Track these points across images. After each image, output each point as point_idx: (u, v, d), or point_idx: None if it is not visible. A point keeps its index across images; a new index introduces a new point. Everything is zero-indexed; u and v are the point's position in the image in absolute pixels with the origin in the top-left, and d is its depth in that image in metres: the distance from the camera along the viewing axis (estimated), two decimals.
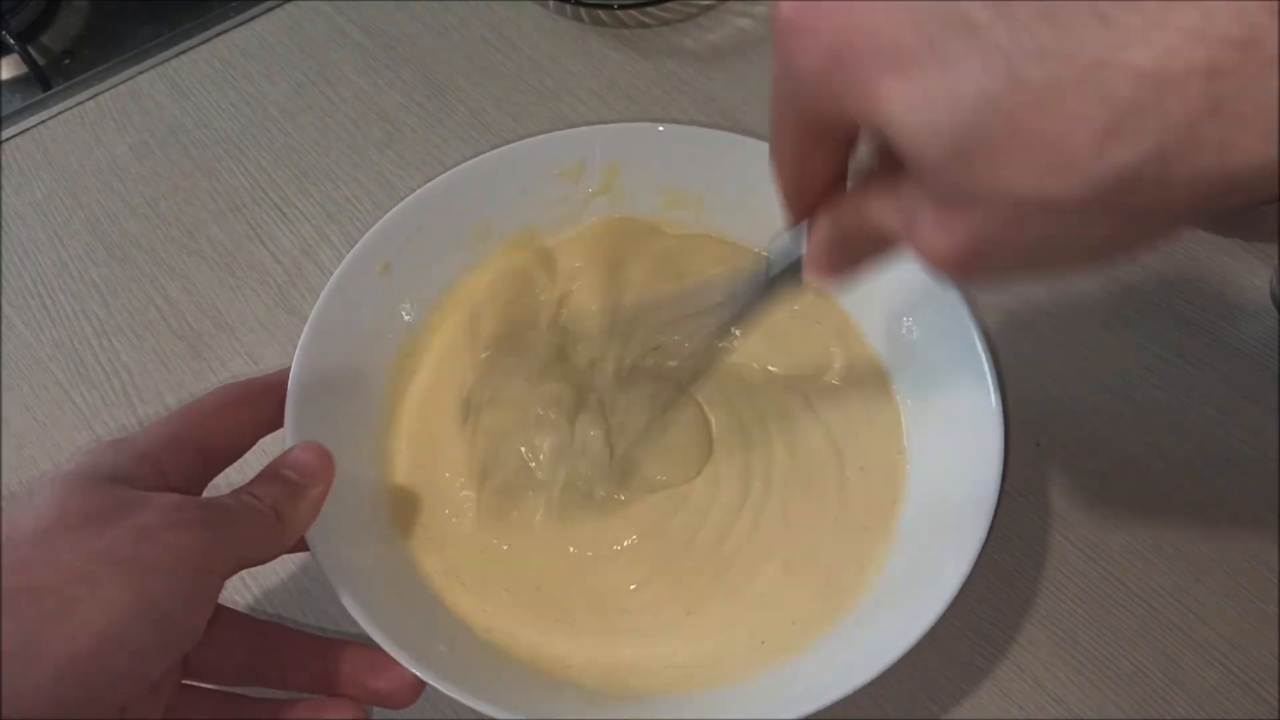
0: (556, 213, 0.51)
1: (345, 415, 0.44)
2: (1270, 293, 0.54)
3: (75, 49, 0.69)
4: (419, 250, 0.48)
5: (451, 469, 0.45)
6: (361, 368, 0.45)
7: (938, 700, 0.43)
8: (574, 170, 0.50)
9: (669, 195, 0.51)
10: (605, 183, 0.51)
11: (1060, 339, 0.52)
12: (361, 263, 0.46)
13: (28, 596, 0.27)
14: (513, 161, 0.49)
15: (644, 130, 0.51)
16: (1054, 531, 0.46)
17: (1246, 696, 0.43)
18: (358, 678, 0.37)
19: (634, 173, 0.50)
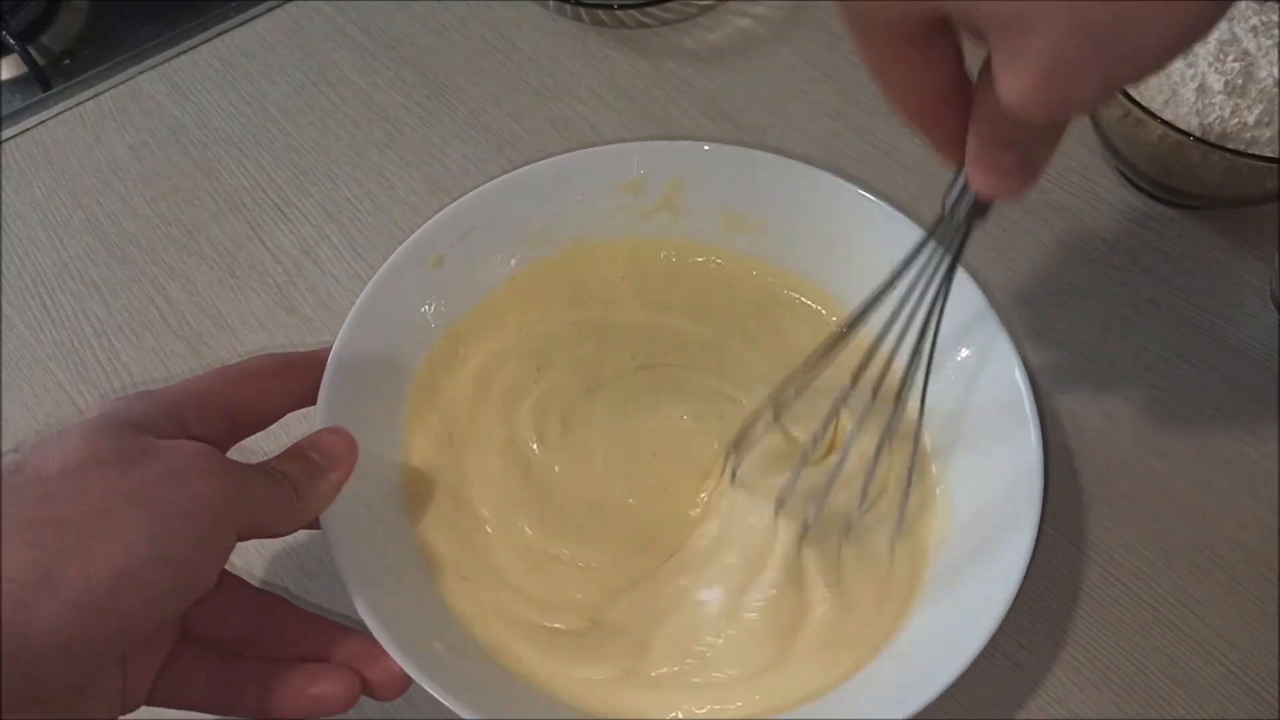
0: (612, 224, 0.50)
1: (378, 403, 0.44)
2: (1270, 293, 0.54)
3: (75, 49, 0.69)
4: (473, 247, 0.48)
5: (479, 476, 0.45)
6: (400, 357, 0.45)
7: (937, 700, 0.43)
8: (635, 184, 0.50)
9: (728, 218, 0.51)
10: (666, 198, 0.50)
11: (1060, 339, 0.52)
12: (416, 253, 0.46)
13: (52, 529, 0.27)
14: (576, 169, 0.49)
15: (716, 151, 0.50)
16: (1054, 531, 0.46)
17: (1247, 696, 0.43)
18: (350, 663, 0.37)
19: (696, 192, 0.50)
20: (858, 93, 0.61)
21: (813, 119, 0.60)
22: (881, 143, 0.59)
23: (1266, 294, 0.54)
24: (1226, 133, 0.50)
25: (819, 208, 0.49)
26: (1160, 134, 0.50)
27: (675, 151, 0.50)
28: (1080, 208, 0.57)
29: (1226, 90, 0.50)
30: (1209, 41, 0.51)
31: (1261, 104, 0.50)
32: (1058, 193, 0.57)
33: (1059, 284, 0.54)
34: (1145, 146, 0.51)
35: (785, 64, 0.63)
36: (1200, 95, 0.51)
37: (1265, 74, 0.51)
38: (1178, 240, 0.56)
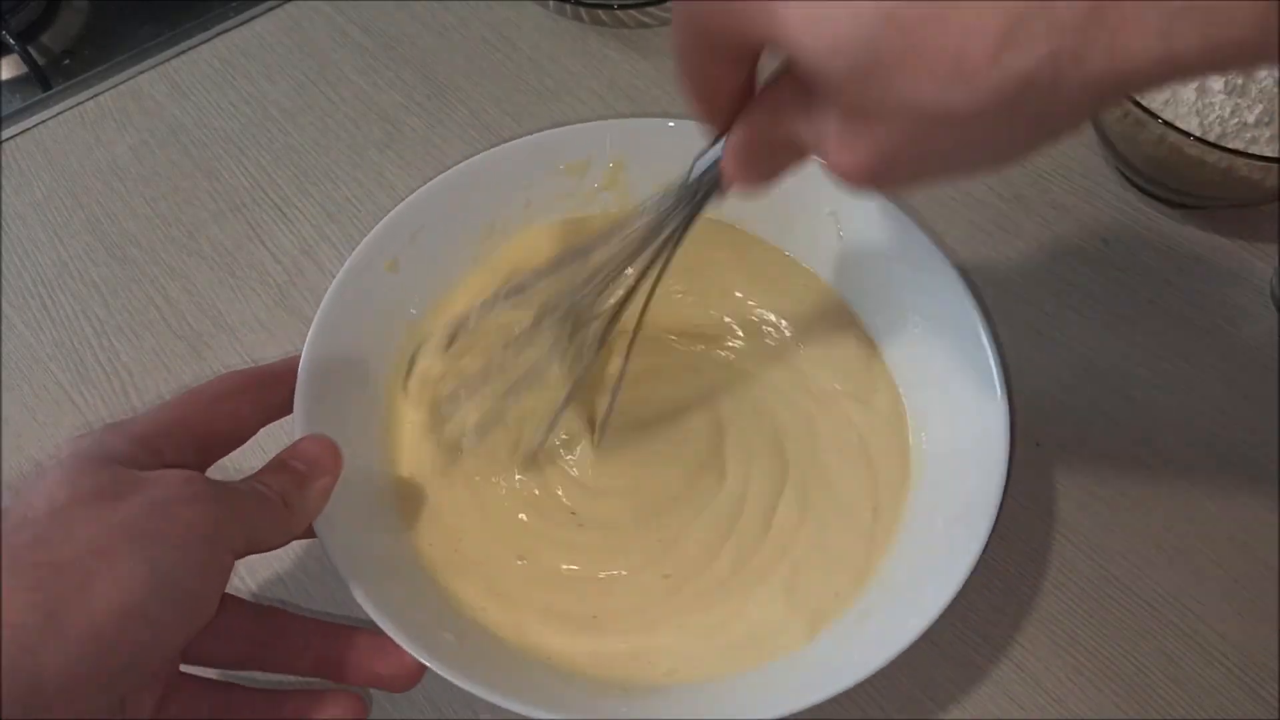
0: (562, 208, 0.51)
1: (354, 406, 0.44)
2: (1270, 292, 0.54)
3: (75, 49, 0.69)
4: (426, 247, 0.48)
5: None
6: (369, 360, 0.45)
7: (938, 700, 0.43)
8: (580, 165, 0.50)
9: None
10: (611, 178, 0.51)
11: (1060, 338, 0.52)
12: (367, 259, 0.46)
13: (49, 571, 0.27)
14: (516, 157, 0.49)
15: (651, 125, 0.50)
16: (1054, 531, 0.46)
17: (1246, 696, 0.43)
18: (360, 661, 0.37)
19: (640, 168, 0.50)
20: None
21: None
22: None
23: (1266, 293, 0.54)
24: (1226, 132, 0.50)
25: None
26: (1160, 133, 0.50)
27: (618, 130, 0.50)
28: (1080, 207, 0.57)
29: (1226, 90, 0.50)
30: None
31: (1261, 103, 0.50)
32: (1058, 192, 0.57)
33: (1059, 283, 0.54)
34: (1145, 146, 0.51)
35: None
36: (1200, 95, 0.51)
37: (1265, 73, 0.51)
38: (1178, 240, 0.56)
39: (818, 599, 0.42)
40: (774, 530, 0.44)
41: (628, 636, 0.42)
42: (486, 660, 0.40)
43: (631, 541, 0.44)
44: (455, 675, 0.36)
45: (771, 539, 0.44)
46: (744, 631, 0.42)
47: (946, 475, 0.44)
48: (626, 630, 0.42)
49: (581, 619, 0.42)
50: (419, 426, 0.46)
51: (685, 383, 0.48)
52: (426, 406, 0.45)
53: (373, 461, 0.44)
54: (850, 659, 0.38)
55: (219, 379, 0.38)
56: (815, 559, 0.43)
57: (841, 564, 0.43)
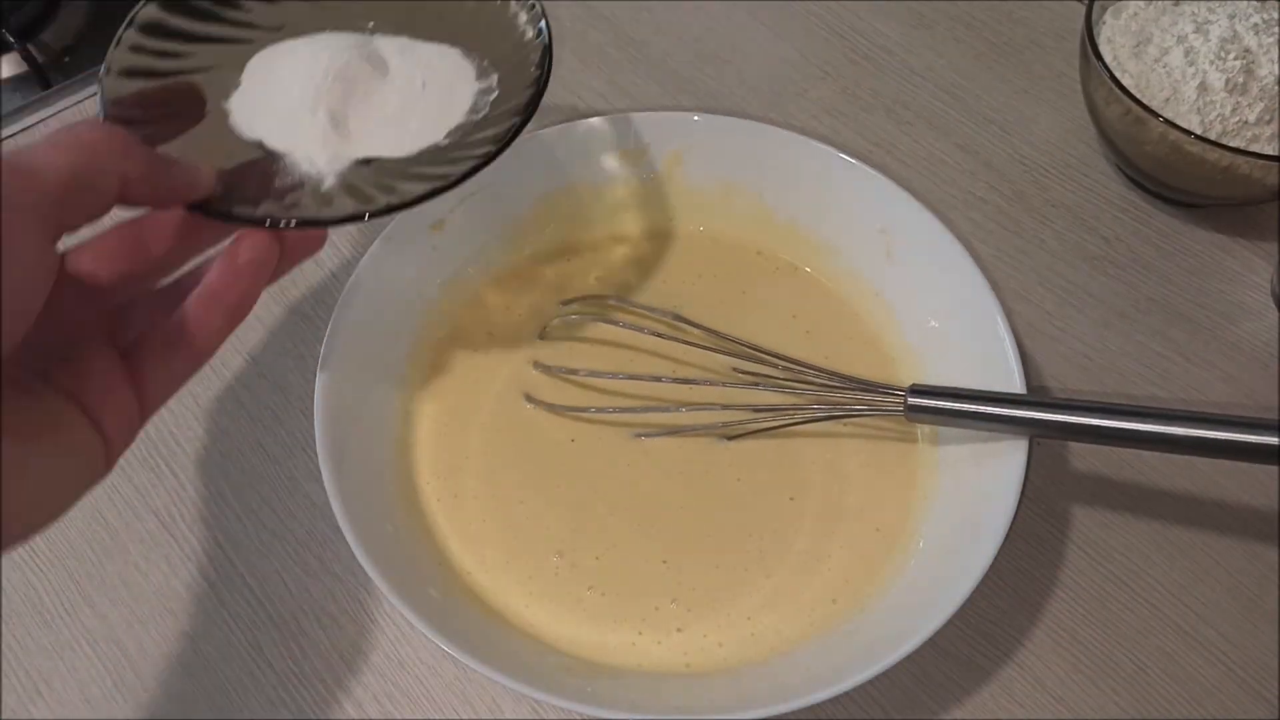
0: (615, 193, 0.52)
1: (378, 357, 0.46)
2: (1270, 291, 0.54)
3: (75, 46, 0.69)
4: (474, 212, 0.49)
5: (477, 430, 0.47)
6: (399, 319, 0.47)
7: (939, 699, 0.43)
8: (637, 153, 0.51)
9: (727, 187, 0.52)
10: (667, 171, 0.51)
11: (1060, 337, 0.52)
12: (415, 218, 0.47)
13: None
14: (575, 137, 0.50)
15: (711, 121, 0.51)
16: (1055, 530, 0.46)
17: (1247, 695, 0.43)
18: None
19: (696, 162, 0.51)
20: (857, 90, 0.61)
21: (813, 116, 0.60)
22: (882, 140, 0.59)
23: (1267, 292, 0.54)
24: (1227, 130, 0.50)
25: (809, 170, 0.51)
26: (1161, 132, 0.50)
27: (678, 122, 0.51)
28: (1081, 205, 0.57)
29: (1227, 88, 0.50)
30: (1210, 39, 0.51)
31: (1262, 102, 0.50)
32: (1058, 190, 0.57)
33: (1059, 282, 0.54)
34: (1146, 144, 0.51)
35: (785, 61, 0.63)
36: (1201, 93, 0.51)
37: (1266, 72, 0.50)
38: (1178, 238, 0.56)
39: (819, 600, 0.43)
40: (778, 531, 0.44)
41: (618, 624, 0.42)
42: (462, 619, 0.40)
43: (635, 531, 0.44)
44: (428, 628, 0.37)
45: (775, 540, 0.44)
46: (745, 629, 0.42)
47: (959, 483, 0.44)
48: (618, 617, 0.42)
49: (573, 598, 0.43)
50: (432, 419, 0.47)
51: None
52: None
53: (387, 415, 0.46)
54: (851, 660, 0.38)
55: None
56: (817, 561, 0.44)
57: (844, 566, 0.43)
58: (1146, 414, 0.39)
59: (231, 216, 0.34)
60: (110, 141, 0.30)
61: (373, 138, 0.39)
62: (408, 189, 0.36)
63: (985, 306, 0.45)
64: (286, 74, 0.40)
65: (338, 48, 0.40)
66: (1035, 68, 0.63)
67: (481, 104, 0.41)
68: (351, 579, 0.45)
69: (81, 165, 0.29)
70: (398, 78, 0.41)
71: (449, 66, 0.42)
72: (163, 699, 0.43)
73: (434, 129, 0.40)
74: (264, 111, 0.39)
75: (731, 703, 0.38)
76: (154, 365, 0.33)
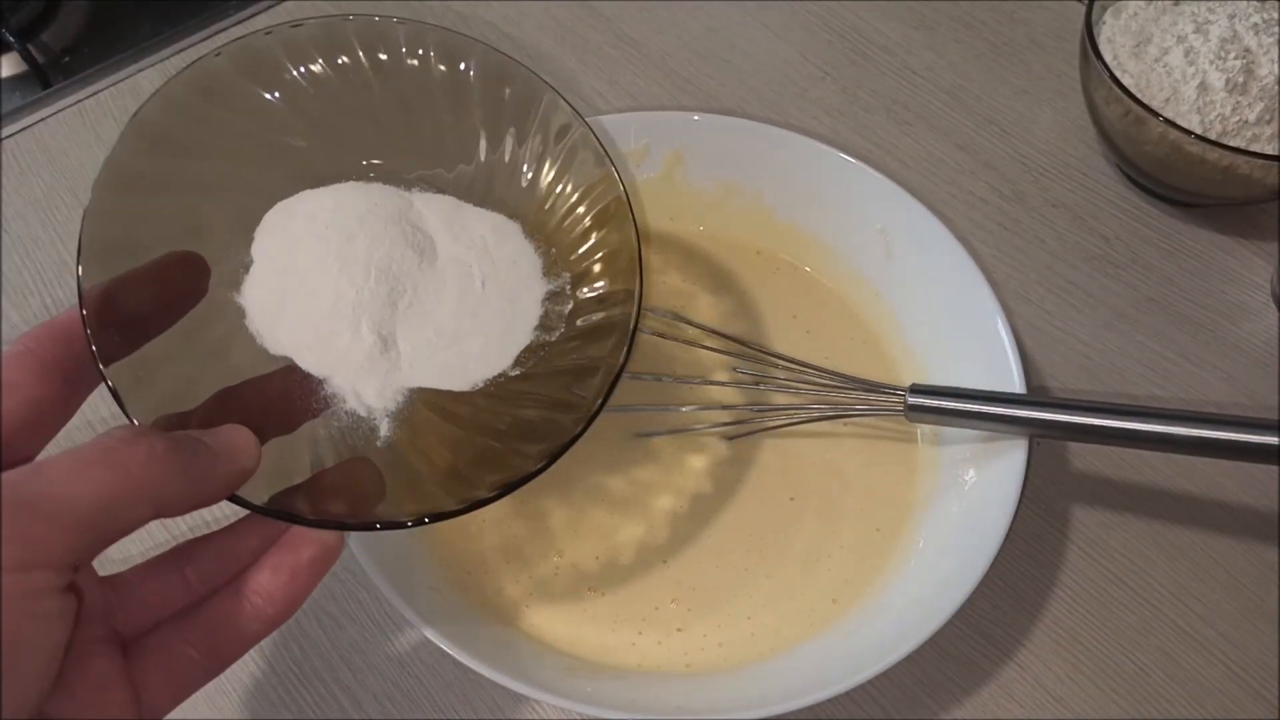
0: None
1: None
2: (1270, 291, 0.54)
3: (75, 47, 0.69)
4: None
5: None
6: None
7: (939, 699, 0.43)
8: (638, 153, 0.50)
9: (727, 187, 0.52)
10: (667, 170, 0.51)
11: (1060, 337, 0.52)
12: None
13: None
14: None
15: (711, 121, 0.51)
16: (1055, 531, 0.46)
17: (1247, 695, 0.43)
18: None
19: (696, 162, 0.51)
20: (857, 91, 0.61)
21: (813, 116, 0.60)
22: (881, 140, 0.59)
23: (1267, 291, 0.54)
24: (1227, 130, 0.50)
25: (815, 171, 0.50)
26: (1161, 132, 0.50)
27: (680, 123, 0.51)
28: (1081, 205, 0.57)
29: (1227, 88, 0.50)
30: (1210, 39, 0.51)
31: (1262, 101, 0.50)
32: (1059, 190, 0.57)
33: (1059, 282, 0.54)
34: (1146, 144, 0.51)
35: (785, 61, 0.63)
36: (1201, 93, 0.51)
37: (1266, 71, 0.50)
38: (1178, 238, 0.56)
39: (819, 600, 0.43)
40: (778, 531, 0.44)
41: (618, 624, 0.42)
42: (462, 619, 0.40)
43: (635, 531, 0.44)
44: (429, 628, 0.37)
45: (775, 540, 0.44)
46: (745, 629, 0.42)
47: (959, 483, 0.44)
48: (618, 617, 0.42)
49: (573, 598, 0.43)
50: None
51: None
52: None
53: None
54: (851, 660, 0.38)
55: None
56: (817, 561, 0.44)
57: (844, 566, 0.43)
58: (1146, 414, 0.39)
59: (307, 521, 0.29)
60: (149, 464, 0.26)
61: (427, 363, 0.33)
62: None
63: (985, 306, 0.45)
64: (312, 264, 0.32)
65: (374, 222, 0.33)
66: (1035, 68, 0.63)
67: (555, 317, 0.36)
68: (351, 579, 0.45)
69: (112, 496, 0.25)
70: (449, 270, 0.34)
71: (509, 255, 0.36)
72: None
73: (499, 352, 0.34)
74: (291, 320, 0.32)
75: (731, 703, 0.38)
76: (163, 671, 0.29)
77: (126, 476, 0.25)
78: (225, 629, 0.30)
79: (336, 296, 0.32)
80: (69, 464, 0.25)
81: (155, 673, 0.29)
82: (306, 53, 0.37)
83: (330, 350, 0.32)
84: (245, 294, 0.32)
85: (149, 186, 0.33)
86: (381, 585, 0.38)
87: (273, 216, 0.34)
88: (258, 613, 0.30)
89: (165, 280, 0.33)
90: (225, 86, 0.36)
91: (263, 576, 0.30)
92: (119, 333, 0.29)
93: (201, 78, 0.35)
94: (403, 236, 0.33)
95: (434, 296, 0.33)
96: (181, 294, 0.32)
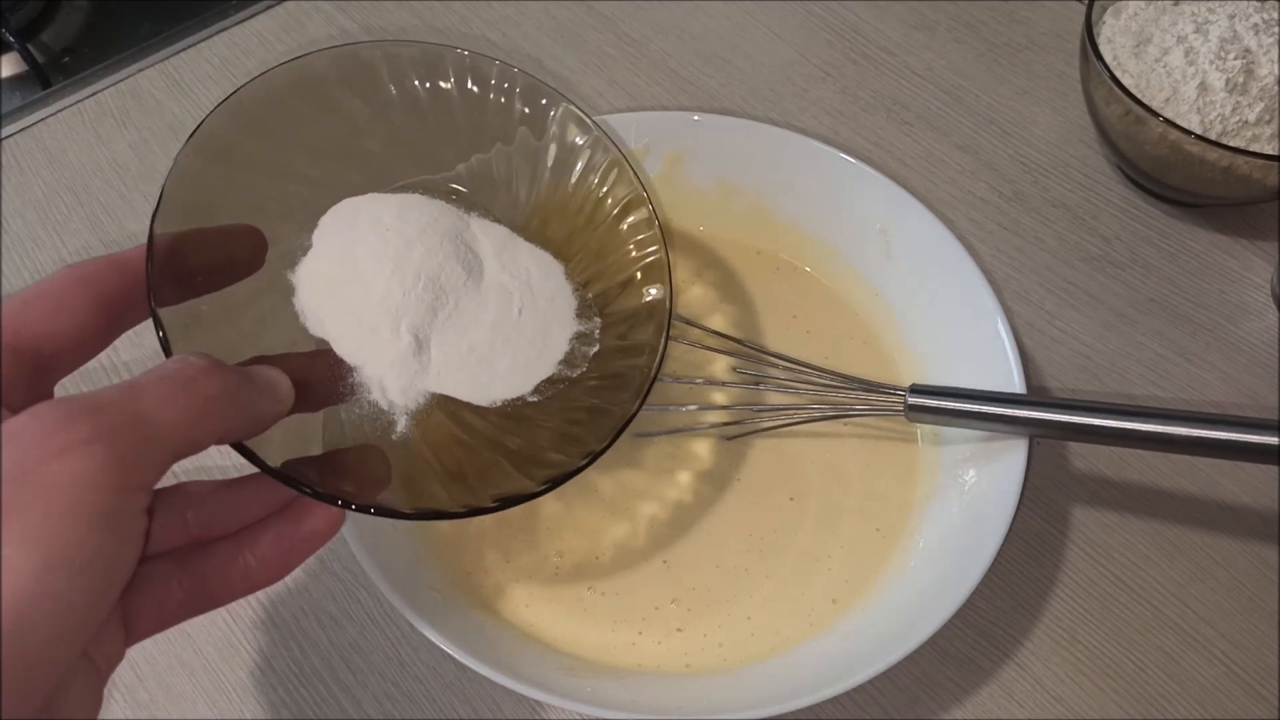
0: None
1: None
2: (1270, 291, 0.54)
3: (75, 47, 0.69)
4: None
5: None
6: None
7: (939, 699, 0.43)
8: (638, 153, 0.51)
9: (727, 187, 0.52)
10: (667, 171, 0.51)
11: (1060, 337, 0.52)
12: None
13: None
14: None
15: (711, 121, 0.51)
16: (1055, 531, 0.46)
17: (1247, 695, 0.43)
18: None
19: (696, 162, 0.51)
20: (858, 91, 0.61)
21: (813, 117, 0.60)
22: (881, 140, 0.59)
23: (1267, 291, 0.54)
24: (1227, 130, 0.50)
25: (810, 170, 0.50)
26: (1161, 132, 0.50)
27: (681, 123, 0.51)
28: (1081, 205, 0.57)
29: (1227, 88, 0.50)
30: (1210, 39, 0.51)
31: (1262, 102, 0.50)
32: (1058, 190, 0.57)
33: (1059, 282, 0.54)
34: (1146, 144, 0.51)
35: (785, 61, 0.63)
36: (1201, 93, 0.51)
37: (1266, 71, 0.50)
38: (1178, 238, 0.56)
39: (819, 600, 0.43)
40: (778, 531, 0.44)
41: (618, 624, 0.42)
42: (462, 619, 0.40)
43: (635, 531, 0.45)
44: (429, 628, 0.37)
45: (775, 540, 0.44)
46: (745, 629, 0.42)
47: (959, 483, 0.44)
48: (618, 617, 0.42)
49: (573, 598, 0.43)
50: None
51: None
52: None
53: None
54: (851, 660, 0.38)
55: (45, 279, 0.30)
56: (817, 561, 0.44)
57: (844, 566, 0.43)
58: (1146, 414, 0.39)
59: (312, 491, 0.30)
60: (223, 394, 0.28)
61: (454, 373, 0.35)
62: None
63: (985, 306, 0.45)
64: (369, 260, 0.34)
65: (432, 235, 0.35)
66: (1035, 68, 0.63)
67: (579, 357, 0.38)
68: (351, 579, 0.45)
69: (196, 423, 0.27)
70: (492, 293, 0.36)
71: (549, 291, 0.38)
72: (163, 699, 0.43)
73: (522, 377, 0.36)
74: (337, 306, 0.34)
75: (731, 703, 0.38)
76: (150, 603, 0.30)
77: (205, 405, 0.27)
78: (215, 579, 0.30)
79: (385, 294, 0.33)
80: (165, 388, 0.26)
81: (143, 604, 0.30)
82: (405, 71, 0.40)
83: (367, 342, 0.33)
84: (299, 273, 0.34)
85: (234, 160, 0.35)
86: (381, 585, 0.38)
87: (340, 209, 0.36)
88: (248, 573, 0.30)
89: (227, 246, 0.34)
90: (323, 86, 0.38)
91: (264, 541, 0.31)
92: (175, 283, 0.31)
93: (302, 73, 0.37)
94: (455, 253, 0.35)
95: (473, 313, 0.35)
96: (239, 263, 0.34)
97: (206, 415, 0.27)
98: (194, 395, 0.27)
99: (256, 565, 0.30)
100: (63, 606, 0.24)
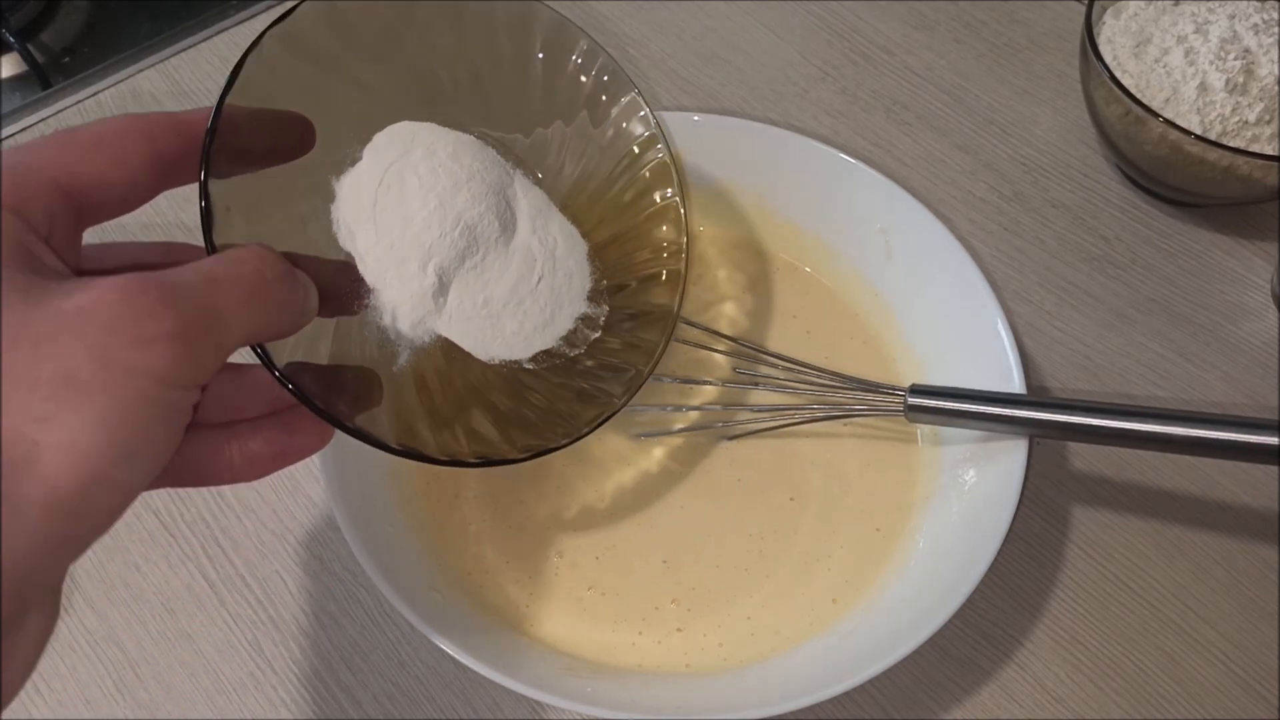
0: None
1: None
2: (1270, 291, 0.54)
3: (75, 47, 0.69)
4: None
5: None
6: None
7: (939, 699, 0.43)
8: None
9: (727, 187, 0.52)
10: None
11: (1060, 337, 0.52)
12: None
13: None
14: None
15: (711, 121, 0.51)
16: (1055, 531, 0.46)
17: (1247, 695, 0.43)
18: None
19: (696, 162, 0.51)
20: (858, 91, 0.61)
21: (813, 116, 0.60)
22: (881, 140, 0.59)
23: (1267, 292, 0.54)
24: (1227, 130, 0.50)
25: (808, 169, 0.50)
26: (1161, 132, 0.50)
27: (679, 123, 0.50)
28: (1081, 206, 0.57)
29: (1227, 88, 0.50)
30: (1210, 40, 0.51)
31: (1262, 102, 0.50)
32: (1058, 191, 0.57)
33: (1059, 282, 0.54)
34: (1146, 144, 0.51)
35: (785, 61, 0.63)
36: (1201, 93, 0.51)
37: (1266, 72, 0.50)
38: (1178, 238, 0.56)
39: (819, 600, 0.43)
40: (778, 531, 0.44)
41: (618, 624, 0.42)
42: (462, 619, 0.40)
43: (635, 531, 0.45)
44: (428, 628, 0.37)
45: (775, 540, 0.44)
46: (745, 629, 0.42)
47: (958, 483, 0.44)
48: (617, 617, 0.42)
49: (573, 598, 0.43)
50: None
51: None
52: None
53: None
54: (851, 660, 0.38)
55: (99, 120, 0.29)
56: (817, 561, 0.44)
57: (844, 566, 0.44)
58: (1146, 414, 0.39)
59: (321, 413, 0.31)
60: (291, 302, 0.28)
61: (464, 322, 0.35)
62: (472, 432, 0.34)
63: (985, 306, 0.45)
64: (415, 190, 0.34)
65: (479, 183, 0.35)
66: (1035, 68, 0.63)
67: (579, 338, 0.39)
68: (351, 579, 0.45)
69: (255, 321, 0.27)
70: (518, 254, 0.37)
71: (569, 267, 0.38)
72: (163, 699, 0.43)
73: (525, 342, 0.37)
74: (372, 226, 0.34)
75: (731, 703, 0.38)
76: None
77: (273, 311, 0.28)
78: (198, 461, 0.30)
79: (423, 229, 0.34)
80: (242, 291, 0.27)
81: None
82: (493, 23, 0.40)
83: (393, 270, 0.34)
84: (342, 182, 0.34)
85: (312, 57, 0.34)
86: (381, 585, 0.38)
87: (397, 130, 0.35)
88: (230, 465, 0.31)
89: (278, 132, 0.34)
90: (420, 8, 0.38)
91: (255, 440, 0.31)
92: (224, 158, 0.31)
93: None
94: (495, 207, 0.36)
95: (497, 270, 0.36)
96: (284, 151, 0.34)
97: (271, 322, 0.28)
98: (268, 301, 0.28)
99: (241, 462, 0.31)
100: (118, 495, 0.25)
